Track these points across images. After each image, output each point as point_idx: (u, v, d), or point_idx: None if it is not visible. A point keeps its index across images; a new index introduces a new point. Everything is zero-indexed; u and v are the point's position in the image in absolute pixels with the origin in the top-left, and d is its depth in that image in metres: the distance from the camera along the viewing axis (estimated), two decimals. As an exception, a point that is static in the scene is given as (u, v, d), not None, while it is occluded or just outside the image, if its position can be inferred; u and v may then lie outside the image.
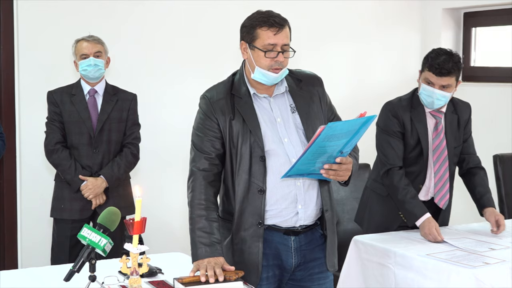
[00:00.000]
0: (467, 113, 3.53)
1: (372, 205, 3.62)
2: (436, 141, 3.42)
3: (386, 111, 3.44)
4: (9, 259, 4.43)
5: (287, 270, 2.61)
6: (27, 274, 2.68)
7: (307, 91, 2.62)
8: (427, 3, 5.73)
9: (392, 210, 3.49)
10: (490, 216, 3.40)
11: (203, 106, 2.57)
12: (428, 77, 3.29)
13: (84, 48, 3.73)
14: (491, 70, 5.47)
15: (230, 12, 4.84)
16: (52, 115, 3.79)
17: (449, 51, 3.31)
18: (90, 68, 3.72)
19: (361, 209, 3.71)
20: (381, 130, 3.46)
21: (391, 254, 3.11)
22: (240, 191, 2.53)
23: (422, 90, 3.33)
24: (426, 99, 3.34)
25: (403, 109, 3.41)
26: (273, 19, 2.47)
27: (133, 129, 3.88)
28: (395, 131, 3.41)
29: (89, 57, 3.72)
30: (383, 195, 3.53)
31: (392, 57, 5.69)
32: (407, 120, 3.40)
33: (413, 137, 3.41)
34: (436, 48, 3.37)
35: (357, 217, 3.75)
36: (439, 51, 3.31)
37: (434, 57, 3.27)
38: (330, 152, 2.36)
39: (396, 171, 3.39)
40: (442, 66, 3.23)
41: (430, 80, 3.28)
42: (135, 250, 2.10)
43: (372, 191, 3.62)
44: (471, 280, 2.78)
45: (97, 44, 3.76)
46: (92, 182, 3.73)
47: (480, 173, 3.56)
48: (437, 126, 3.43)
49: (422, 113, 3.42)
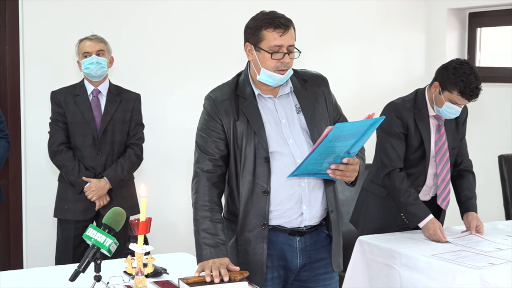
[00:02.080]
0: (464, 113, 3.51)
1: (369, 206, 3.60)
2: (439, 142, 3.42)
3: (389, 112, 3.42)
4: (15, 260, 4.44)
5: (292, 270, 2.61)
6: (33, 274, 2.68)
7: (312, 91, 2.62)
8: (432, 4, 5.72)
9: (389, 211, 3.48)
10: (473, 220, 3.40)
11: (207, 107, 2.57)
12: (457, 100, 3.26)
13: (86, 47, 3.72)
14: (496, 70, 5.46)
15: (233, 12, 4.84)
16: (55, 115, 3.79)
17: (471, 67, 3.25)
18: (92, 66, 3.71)
19: (357, 210, 3.69)
20: (383, 131, 3.44)
21: (396, 255, 3.11)
22: (244, 192, 2.53)
23: (446, 108, 3.30)
24: (448, 115, 3.34)
25: (407, 110, 3.40)
26: (279, 20, 2.47)
27: (137, 129, 3.88)
28: (398, 132, 3.39)
29: (91, 55, 3.71)
30: (380, 196, 3.52)
31: (397, 57, 5.68)
32: (411, 121, 3.39)
33: (416, 138, 3.40)
34: (459, 66, 3.26)
35: (352, 218, 3.73)
36: (467, 71, 3.23)
37: (466, 82, 3.21)
38: (337, 153, 2.36)
39: (398, 173, 3.38)
40: (475, 93, 3.22)
41: (458, 102, 3.27)
42: (140, 250, 2.10)
43: (369, 192, 3.60)
44: (476, 281, 2.77)
45: (99, 43, 3.75)
46: (95, 184, 3.73)
47: (469, 177, 3.56)
48: (439, 128, 3.43)
49: (425, 115, 3.41)
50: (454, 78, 3.23)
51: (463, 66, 3.26)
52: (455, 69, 3.25)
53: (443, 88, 3.29)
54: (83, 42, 3.76)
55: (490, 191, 4.81)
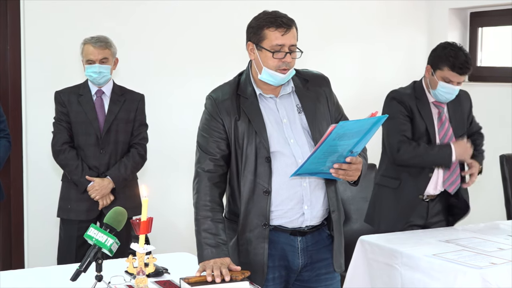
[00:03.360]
0: (468, 101, 3.61)
1: (382, 200, 3.63)
2: (442, 130, 3.47)
3: (391, 100, 3.51)
4: (16, 259, 4.45)
5: (294, 270, 2.60)
6: (34, 274, 2.69)
7: (313, 91, 2.61)
8: (433, 3, 5.72)
9: (402, 202, 3.51)
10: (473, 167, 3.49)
11: (209, 107, 2.57)
12: (449, 76, 3.34)
13: (90, 54, 3.70)
14: (497, 70, 5.45)
15: (236, 11, 4.83)
16: (59, 115, 3.79)
17: (460, 46, 3.37)
18: (95, 75, 3.71)
19: (371, 206, 3.72)
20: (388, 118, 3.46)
21: (398, 255, 3.11)
22: (245, 192, 2.52)
23: (441, 88, 3.38)
24: (444, 95, 3.40)
25: (409, 96, 3.48)
26: (281, 20, 2.47)
27: (141, 129, 3.88)
28: (403, 115, 3.45)
29: (95, 63, 3.71)
30: (392, 188, 3.55)
31: (398, 57, 5.68)
32: (414, 107, 3.46)
33: (421, 124, 3.46)
34: (448, 45, 3.40)
35: (367, 216, 3.74)
36: (454, 48, 3.35)
37: (455, 57, 3.32)
38: (341, 152, 2.35)
39: (408, 143, 3.42)
40: (465, 66, 3.31)
41: (451, 79, 3.34)
42: (142, 250, 2.10)
43: (381, 186, 3.64)
44: (478, 281, 2.77)
45: (103, 50, 3.72)
46: (98, 183, 3.73)
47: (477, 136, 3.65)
48: (440, 115, 3.49)
49: (426, 103, 3.48)
50: (443, 54, 3.36)
51: (451, 44, 3.40)
52: (444, 47, 3.39)
53: (434, 68, 3.40)
54: (87, 46, 3.73)
55: (492, 191, 4.81)
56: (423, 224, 3.55)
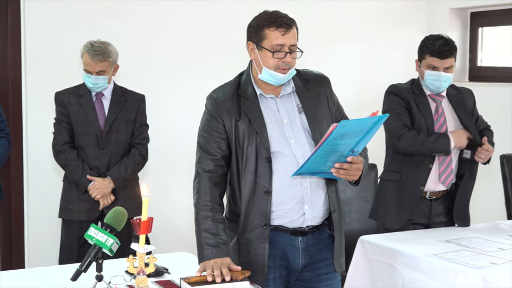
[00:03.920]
0: (471, 98, 3.68)
1: (386, 193, 3.65)
2: (438, 123, 3.52)
3: (389, 94, 3.60)
4: (16, 259, 4.45)
5: (294, 270, 2.60)
6: (34, 274, 2.69)
7: (314, 91, 2.61)
8: (434, 3, 5.72)
9: (403, 194, 3.53)
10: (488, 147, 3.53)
11: (209, 107, 2.57)
12: (432, 62, 3.45)
13: (87, 65, 3.68)
14: (498, 70, 5.45)
15: (236, 12, 4.83)
16: (59, 116, 3.80)
17: (440, 34, 3.50)
18: (91, 85, 3.72)
19: (375, 201, 3.77)
20: (387, 112, 3.49)
21: (398, 255, 3.11)
22: (246, 192, 2.52)
23: (427, 76, 3.48)
24: (433, 84, 3.48)
25: (406, 90, 3.57)
26: (281, 20, 2.47)
27: (141, 129, 3.88)
28: (402, 106, 3.53)
29: (92, 74, 3.69)
30: (393, 181, 3.59)
31: (398, 57, 5.68)
32: (411, 100, 3.53)
33: (419, 117, 3.52)
34: (428, 35, 3.54)
35: (371, 212, 3.76)
36: (434, 37, 3.49)
37: (433, 43, 3.45)
38: (342, 151, 2.35)
39: (407, 132, 3.48)
40: (444, 49, 3.41)
41: (434, 65, 3.45)
42: (142, 250, 2.10)
43: (384, 180, 3.68)
44: (478, 281, 2.77)
45: (101, 63, 3.66)
46: (99, 182, 3.73)
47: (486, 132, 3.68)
48: (437, 109, 3.55)
49: (424, 97, 3.55)
50: (423, 44, 3.51)
51: (431, 34, 3.53)
52: (425, 38, 3.52)
53: (420, 59, 3.53)
54: (86, 55, 3.68)
55: (492, 191, 4.81)
56: (426, 223, 3.55)
